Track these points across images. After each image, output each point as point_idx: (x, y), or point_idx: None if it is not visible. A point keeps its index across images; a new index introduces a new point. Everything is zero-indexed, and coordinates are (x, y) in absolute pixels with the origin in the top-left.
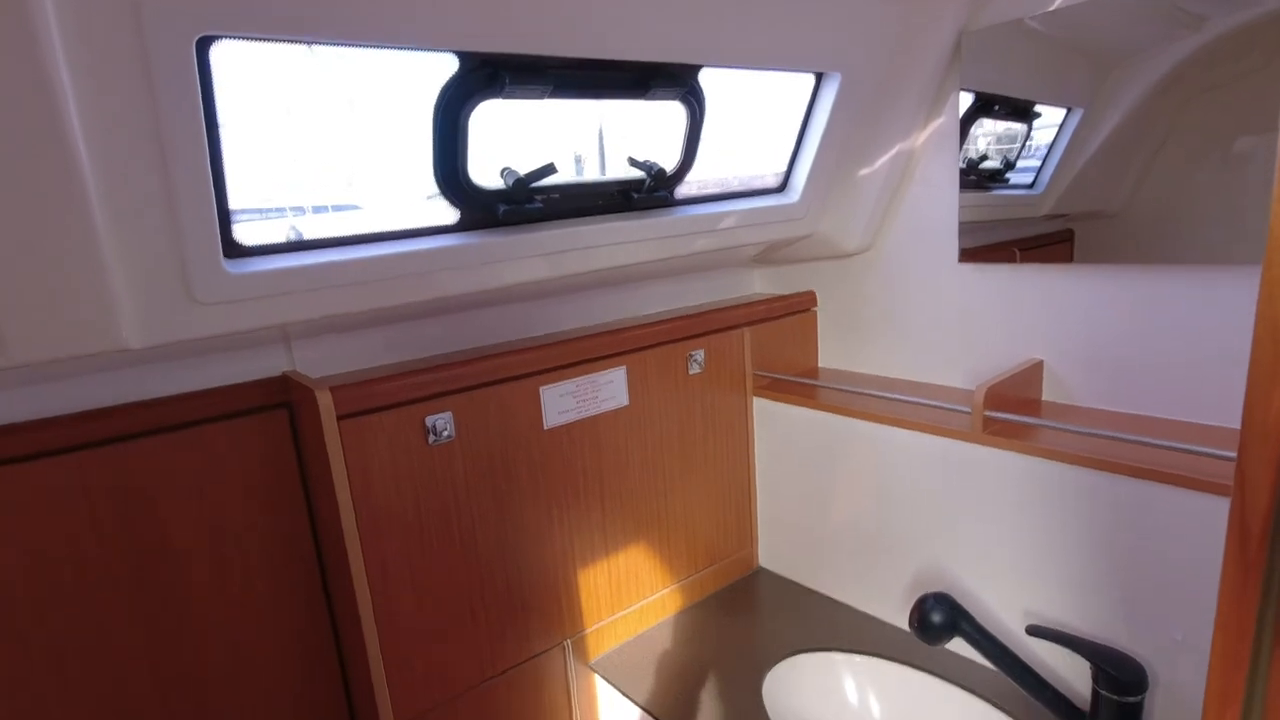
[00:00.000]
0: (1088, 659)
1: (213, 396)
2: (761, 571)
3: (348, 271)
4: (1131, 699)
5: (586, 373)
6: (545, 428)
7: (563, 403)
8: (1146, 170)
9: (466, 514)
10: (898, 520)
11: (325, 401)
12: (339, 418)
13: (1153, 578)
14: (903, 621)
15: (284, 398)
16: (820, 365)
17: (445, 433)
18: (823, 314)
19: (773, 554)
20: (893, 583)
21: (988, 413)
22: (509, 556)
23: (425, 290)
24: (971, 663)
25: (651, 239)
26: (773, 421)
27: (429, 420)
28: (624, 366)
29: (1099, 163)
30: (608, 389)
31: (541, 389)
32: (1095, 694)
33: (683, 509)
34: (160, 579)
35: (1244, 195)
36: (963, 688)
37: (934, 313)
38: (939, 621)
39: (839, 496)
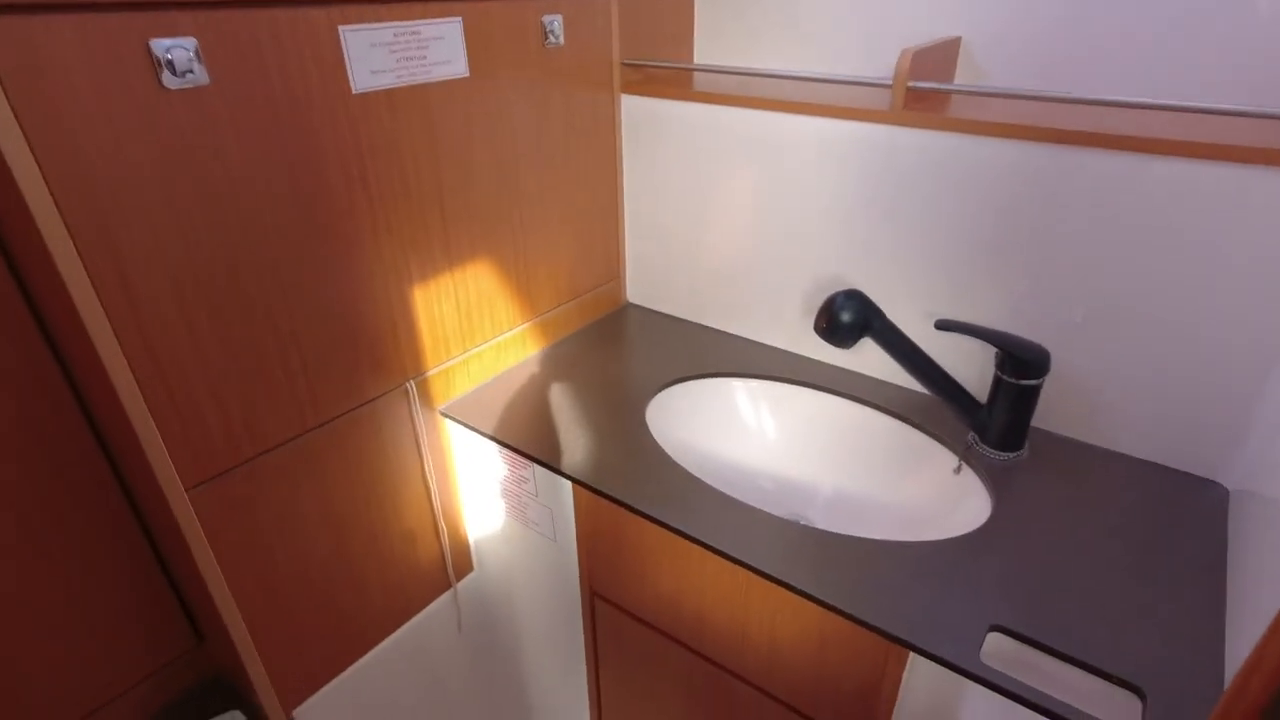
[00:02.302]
0: (995, 345)
1: None
2: (630, 307)
3: None
4: (1032, 381)
5: (407, 17)
6: (354, 91)
7: (376, 57)
8: None
9: (248, 202)
10: (791, 234)
11: None
12: None
13: (1060, 260)
14: (797, 347)
15: None
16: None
17: (190, 73)
18: None
19: (643, 287)
20: (784, 306)
21: (912, 83)
22: (322, 270)
23: None
24: (865, 378)
25: None
26: (645, 125)
27: (157, 46)
28: (459, 18)
29: None
30: (438, 47)
31: (343, 30)
32: (997, 381)
33: (541, 229)
34: None
35: None
36: (858, 400)
37: None
38: (849, 320)
39: (723, 214)
